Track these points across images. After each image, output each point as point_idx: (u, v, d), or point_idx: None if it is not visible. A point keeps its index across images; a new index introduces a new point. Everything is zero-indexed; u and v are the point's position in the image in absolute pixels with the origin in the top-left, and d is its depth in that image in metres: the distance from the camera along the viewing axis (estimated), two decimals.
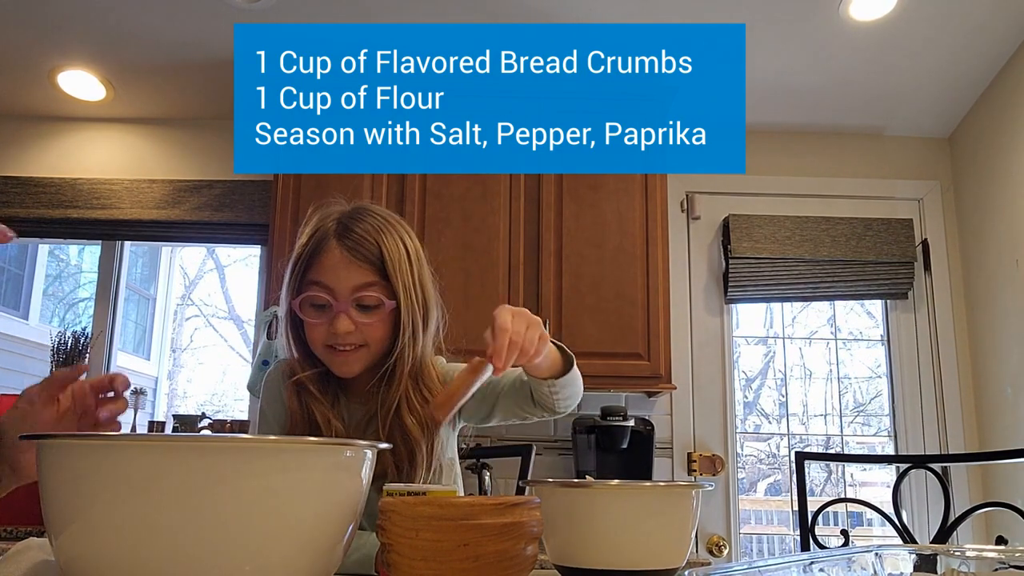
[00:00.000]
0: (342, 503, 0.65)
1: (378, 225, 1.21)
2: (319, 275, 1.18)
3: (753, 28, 2.74)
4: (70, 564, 0.60)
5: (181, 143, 3.28)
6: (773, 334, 3.48)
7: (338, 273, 1.17)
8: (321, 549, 0.64)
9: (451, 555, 0.65)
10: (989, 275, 3.03)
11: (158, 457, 0.58)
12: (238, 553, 0.58)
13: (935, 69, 2.96)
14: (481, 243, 2.75)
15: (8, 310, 4.73)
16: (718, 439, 3.10)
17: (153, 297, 5.68)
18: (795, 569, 1.08)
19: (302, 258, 1.20)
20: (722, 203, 3.22)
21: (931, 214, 3.27)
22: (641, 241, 2.80)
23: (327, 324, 1.18)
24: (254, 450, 0.60)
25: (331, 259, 1.18)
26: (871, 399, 3.51)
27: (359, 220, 1.21)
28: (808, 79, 3.02)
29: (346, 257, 1.17)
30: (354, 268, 1.18)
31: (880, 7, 2.63)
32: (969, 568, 1.02)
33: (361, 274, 1.18)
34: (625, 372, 2.72)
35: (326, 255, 1.18)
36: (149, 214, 3.15)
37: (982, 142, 3.10)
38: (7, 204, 3.15)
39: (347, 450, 0.67)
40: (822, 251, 3.13)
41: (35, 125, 3.28)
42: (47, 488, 0.61)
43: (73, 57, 2.96)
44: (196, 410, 3.46)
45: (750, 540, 3.31)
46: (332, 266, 1.18)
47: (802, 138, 3.34)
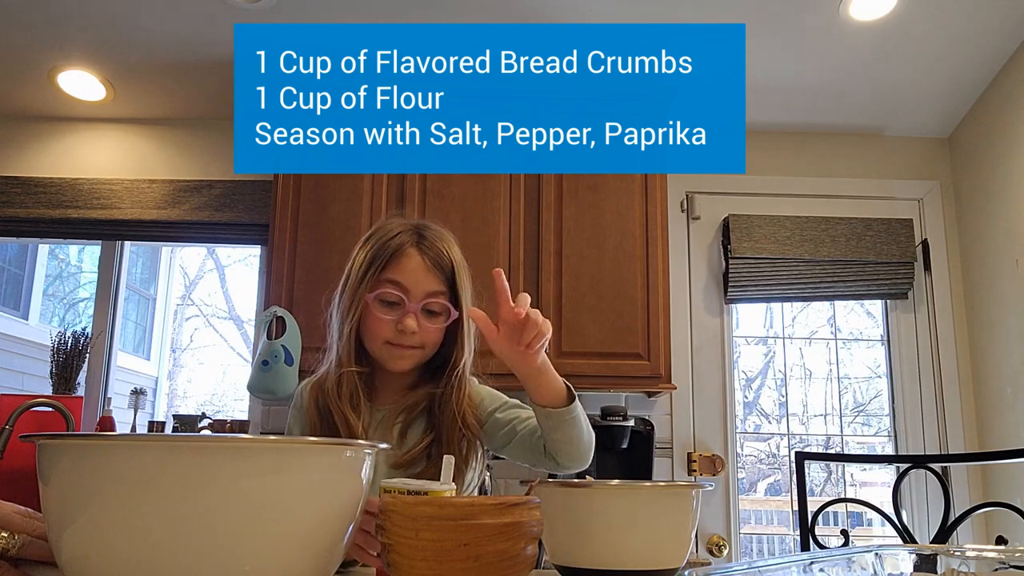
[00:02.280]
0: (342, 503, 0.65)
1: (441, 235, 1.34)
2: (397, 275, 1.28)
3: (753, 28, 2.74)
4: (70, 564, 0.60)
5: (181, 143, 3.28)
6: (773, 334, 3.48)
7: (417, 276, 1.28)
8: (321, 549, 0.64)
9: (451, 555, 0.65)
10: (989, 275, 3.03)
11: (158, 457, 0.57)
12: (238, 553, 0.58)
13: (935, 69, 2.96)
14: (481, 243, 2.75)
15: (8, 310, 4.73)
16: (718, 439, 3.10)
17: (153, 297, 5.68)
18: (795, 569, 1.08)
19: (380, 257, 1.29)
20: (722, 203, 3.23)
21: (931, 214, 3.27)
22: (641, 241, 2.80)
23: (394, 321, 1.27)
24: (254, 450, 0.60)
25: (411, 263, 1.29)
26: (871, 399, 3.51)
27: (432, 230, 1.33)
28: (808, 79, 3.02)
29: (425, 264, 1.29)
30: (431, 275, 1.29)
31: (880, 7, 2.63)
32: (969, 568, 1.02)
33: (435, 282, 1.29)
34: (625, 372, 2.72)
35: (406, 259, 1.29)
36: (149, 214, 3.15)
37: (982, 142, 3.10)
38: (7, 204, 3.15)
39: (347, 450, 0.67)
40: (822, 251, 3.13)
41: (35, 125, 3.28)
42: (47, 488, 0.61)
43: (73, 57, 2.95)
44: (196, 410, 3.47)
45: (750, 540, 3.31)
46: (412, 269, 1.28)
47: (802, 138, 3.34)
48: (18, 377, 4.15)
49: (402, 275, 1.28)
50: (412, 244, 1.30)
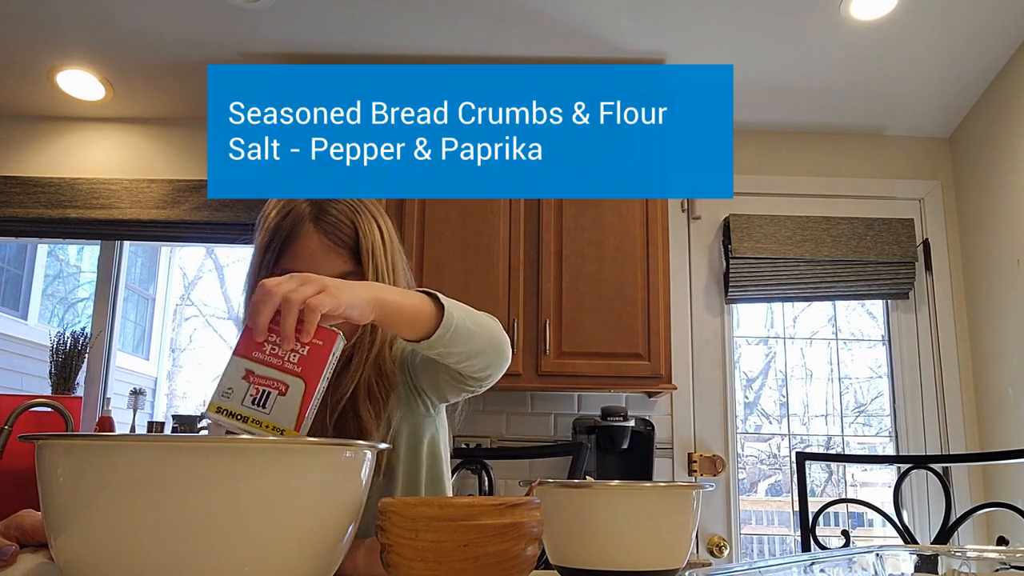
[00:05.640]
0: (341, 503, 0.65)
1: (353, 206, 1.16)
2: (294, 263, 1.12)
3: (754, 27, 2.74)
4: (70, 564, 0.60)
5: (181, 143, 3.27)
6: (774, 334, 3.48)
7: (316, 261, 1.12)
8: (320, 549, 0.64)
9: (451, 556, 0.65)
10: (990, 275, 3.03)
11: (158, 457, 0.57)
12: (237, 553, 0.58)
13: (936, 69, 2.96)
14: (481, 243, 2.74)
15: (7, 310, 4.73)
16: (718, 439, 3.10)
17: (152, 297, 5.68)
18: (796, 570, 1.08)
19: (275, 242, 1.14)
20: (722, 203, 3.22)
21: (932, 214, 3.27)
22: (641, 241, 2.79)
23: None
24: (253, 451, 0.60)
25: (308, 246, 1.12)
26: (872, 399, 3.51)
27: (334, 202, 1.16)
28: (809, 78, 3.02)
29: (324, 243, 1.12)
30: (333, 255, 1.13)
31: (880, 7, 2.63)
32: (970, 568, 1.02)
33: (339, 262, 1.13)
34: (625, 372, 2.72)
35: (302, 241, 1.13)
36: (149, 214, 3.15)
37: (983, 142, 3.09)
38: (7, 204, 3.15)
39: (346, 451, 0.67)
40: (823, 251, 3.13)
41: (35, 125, 3.28)
42: (47, 488, 0.61)
43: (73, 57, 2.95)
44: (195, 410, 3.46)
45: (751, 541, 3.31)
46: (309, 254, 1.12)
47: (803, 138, 3.34)
48: (17, 377, 4.14)
49: (299, 262, 1.11)
50: (310, 220, 1.13)
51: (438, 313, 0.99)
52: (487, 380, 1.15)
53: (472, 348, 1.04)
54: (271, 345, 0.82)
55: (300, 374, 0.82)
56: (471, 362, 1.07)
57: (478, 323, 1.06)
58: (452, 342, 1.01)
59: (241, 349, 0.82)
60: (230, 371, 0.81)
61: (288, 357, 0.82)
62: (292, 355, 0.83)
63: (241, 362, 0.82)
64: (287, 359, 0.82)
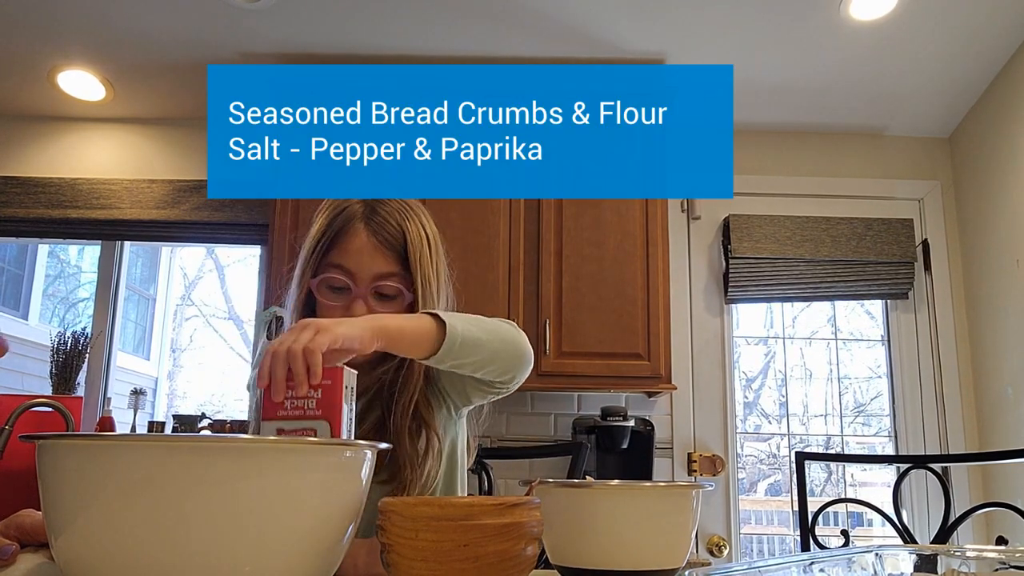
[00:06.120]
0: (342, 503, 0.65)
1: (402, 209, 1.18)
2: (341, 258, 1.15)
3: (753, 27, 2.74)
4: (70, 564, 0.60)
5: (181, 143, 3.27)
6: (773, 334, 3.48)
7: (361, 258, 1.14)
8: (321, 549, 0.64)
9: (451, 556, 0.65)
10: (989, 275, 3.03)
11: (158, 457, 0.57)
12: (237, 553, 0.58)
13: (935, 69, 2.96)
14: (481, 243, 2.75)
15: (8, 310, 4.74)
16: (718, 439, 3.10)
17: (153, 297, 5.68)
18: (795, 569, 1.08)
19: (325, 237, 1.16)
20: (722, 203, 3.22)
21: (931, 214, 3.27)
22: (641, 241, 2.80)
23: (343, 308, 1.15)
24: (253, 450, 0.60)
25: (356, 243, 1.15)
26: (871, 399, 3.51)
27: (384, 203, 1.18)
28: (808, 79, 3.02)
29: (371, 242, 1.14)
30: (378, 255, 1.15)
31: (880, 7, 2.63)
32: (969, 568, 1.02)
33: (384, 262, 1.15)
34: (625, 372, 2.72)
35: (351, 238, 1.15)
36: (149, 214, 3.15)
37: (982, 142, 3.09)
38: (7, 204, 3.15)
39: (347, 450, 0.67)
40: (822, 251, 3.13)
41: (35, 125, 3.28)
42: (47, 488, 0.61)
43: (73, 57, 2.95)
44: (196, 410, 3.46)
45: (750, 540, 3.31)
46: (356, 250, 1.14)
47: (802, 138, 3.34)
48: (18, 377, 4.14)
49: (346, 257, 1.14)
50: (360, 219, 1.16)
51: (441, 330, 1.02)
52: (511, 382, 1.17)
53: (484, 355, 1.07)
54: (290, 400, 0.87)
55: (322, 416, 0.87)
56: (487, 368, 1.10)
57: (487, 330, 1.08)
58: (461, 353, 1.04)
59: (267, 412, 0.87)
60: (264, 435, 0.86)
61: (307, 405, 0.87)
62: (310, 402, 0.87)
63: (271, 424, 0.87)
64: (307, 407, 0.87)
